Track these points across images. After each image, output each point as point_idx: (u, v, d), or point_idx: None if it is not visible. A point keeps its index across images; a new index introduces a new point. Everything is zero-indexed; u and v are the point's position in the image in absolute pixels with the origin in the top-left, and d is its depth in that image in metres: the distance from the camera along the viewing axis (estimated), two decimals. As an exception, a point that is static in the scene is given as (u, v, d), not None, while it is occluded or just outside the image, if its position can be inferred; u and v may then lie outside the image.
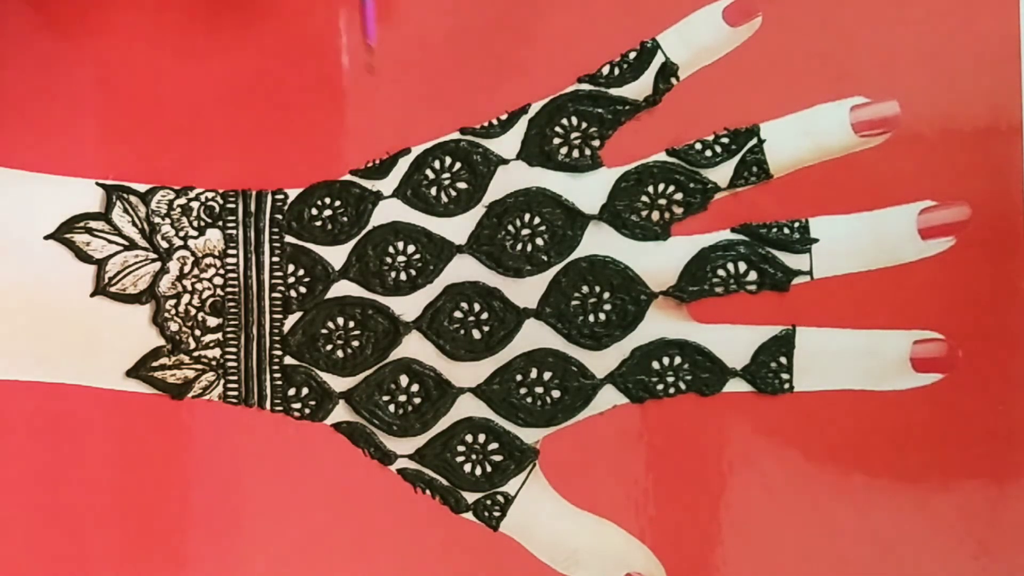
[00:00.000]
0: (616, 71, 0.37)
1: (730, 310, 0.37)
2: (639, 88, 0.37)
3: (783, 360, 0.36)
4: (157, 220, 0.36)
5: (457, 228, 0.36)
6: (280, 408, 0.36)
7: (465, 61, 0.36)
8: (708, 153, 0.37)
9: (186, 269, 0.36)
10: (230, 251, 0.36)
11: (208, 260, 0.36)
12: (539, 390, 0.37)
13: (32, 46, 0.36)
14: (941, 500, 0.36)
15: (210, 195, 0.36)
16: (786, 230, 0.37)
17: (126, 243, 0.36)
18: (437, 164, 0.37)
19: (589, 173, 0.37)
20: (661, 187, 0.37)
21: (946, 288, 0.36)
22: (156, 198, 0.36)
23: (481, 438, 0.37)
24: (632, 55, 0.37)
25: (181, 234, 0.36)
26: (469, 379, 0.36)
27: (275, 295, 0.36)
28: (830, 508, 0.36)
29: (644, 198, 0.37)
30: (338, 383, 0.36)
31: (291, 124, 0.36)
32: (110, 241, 0.36)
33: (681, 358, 0.37)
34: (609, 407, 0.37)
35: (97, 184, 0.36)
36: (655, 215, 0.37)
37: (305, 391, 0.36)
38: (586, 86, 0.37)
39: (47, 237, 0.36)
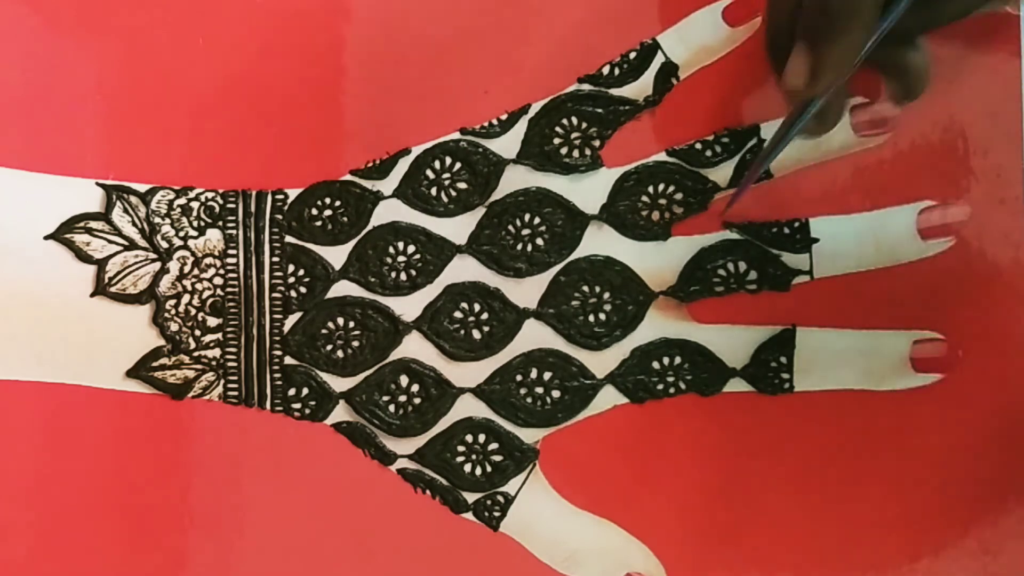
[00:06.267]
0: (616, 71, 0.37)
1: (730, 310, 0.37)
2: (639, 88, 0.37)
3: (783, 360, 0.36)
4: (157, 220, 0.36)
5: (457, 228, 0.36)
6: (280, 408, 0.36)
7: (465, 61, 0.36)
8: (708, 153, 0.37)
9: (186, 269, 0.36)
10: (230, 251, 0.36)
11: (208, 260, 0.36)
12: (539, 390, 0.36)
13: (32, 46, 0.36)
14: (941, 500, 0.36)
15: (210, 195, 0.36)
16: (786, 230, 0.37)
17: (126, 243, 0.36)
18: (437, 164, 0.37)
19: (589, 173, 0.37)
20: (661, 187, 0.37)
21: (946, 288, 0.36)
22: (156, 198, 0.36)
23: (481, 438, 0.37)
24: (632, 55, 0.37)
25: (181, 234, 0.36)
26: (469, 379, 0.36)
27: (275, 295, 0.36)
28: (830, 508, 0.36)
29: (644, 198, 0.37)
30: (338, 383, 0.36)
31: (291, 124, 0.36)
32: (110, 241, 0.36)
33: (681, 358, 0.37)
34: (609, 407, 0.37)
35: (97, 184, 0.36)
36: (655, 215, 0.37)
37: (305, 391, 0.36)
38: (586, 86, 0.37)
39: (47, 237, 0.36)
